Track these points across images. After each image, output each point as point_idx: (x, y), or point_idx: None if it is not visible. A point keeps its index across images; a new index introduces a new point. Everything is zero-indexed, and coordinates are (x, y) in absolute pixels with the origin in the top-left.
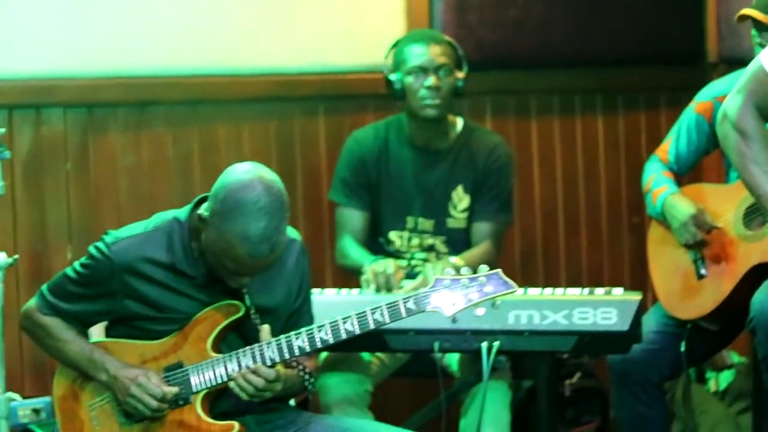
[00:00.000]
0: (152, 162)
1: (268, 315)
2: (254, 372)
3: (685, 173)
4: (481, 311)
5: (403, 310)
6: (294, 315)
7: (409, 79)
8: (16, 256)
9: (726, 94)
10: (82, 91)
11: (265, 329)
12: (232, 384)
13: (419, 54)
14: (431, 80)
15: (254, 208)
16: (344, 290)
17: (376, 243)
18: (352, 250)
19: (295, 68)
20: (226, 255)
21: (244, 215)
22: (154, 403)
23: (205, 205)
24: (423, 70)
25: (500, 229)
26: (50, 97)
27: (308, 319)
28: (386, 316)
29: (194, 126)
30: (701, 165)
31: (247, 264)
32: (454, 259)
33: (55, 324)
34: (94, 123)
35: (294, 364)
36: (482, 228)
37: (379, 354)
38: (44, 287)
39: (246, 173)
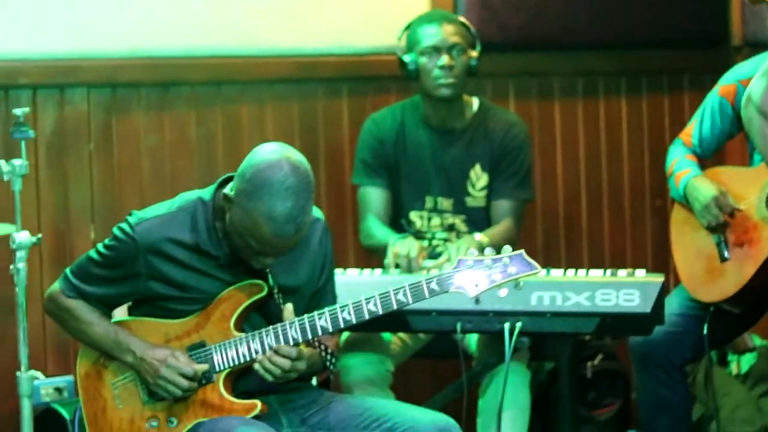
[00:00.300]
0: (175, 142)
1: (292, 294)
2: (277, 352)
3: (709, 156)
4: (504, 292)
5: (426, 291)
6: (317, 294)
7: (423, 60)
8: (39, 235)
9: (750, 77)
10: (105, 71)
11: (288, 308)
12: (257, 366)
13: (432, 34)
14: (444, 59)
15: (281, 188)
16: (366, 270)
17: (397, 225)
18: (377, 230)
19: (318, 50)
20: (251, 234)
21: (270, 195)
22: (185, 383)
23: (230, 185)
24: (436, 50)
25: (520, 206)
26: (74, 78)
27: (331, 298)
28: (409, 297)
29: (217, 107)
30: (725, 149)
31: (272, 244)
32: (479, 236)
33: (79, 306)
34: (117, 103)
35: (316, 343)
36: (502, 205)
37: (400, 334)
38: (68, 270)
39: (273, 153)
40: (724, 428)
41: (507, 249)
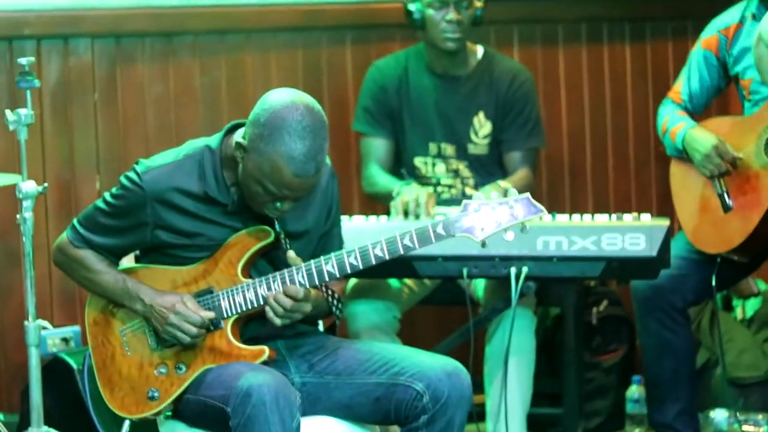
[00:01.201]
0: (179, 92)
1: (299, 239)
2: (283, 293)
3: (700, 112)
4: (510, 235)
5: (432, 235)
6: (324, 237)
7: (430, 12)
8: (45, 185)
9: (728, 27)
10: (109, 21)
11: (291, 254)
12: (268, 312)
13: None
14: (452, 14)
15: (299, 127)
16: (372, 217)
17: (398, 173)
18: (380, 177)
19: None
20: (270, 178)
21: (289, 134)
22: (194, 330)
23: (241, 132)
24: (444, 3)
25: (533, 154)
26: (78, 28)
27: (338, 242)
28: (416, 242)
29: (221, 56)
30: (726, 98)
31: (293, 185)
32: (503, 183)
33: (87, 256)
34: (121, 53)
35: (323, 288)
36: (516, 157)
37: (406, 281)
38: (75, 220)
39: (286, 95)
40: (729, 373)
41: (513, 192)
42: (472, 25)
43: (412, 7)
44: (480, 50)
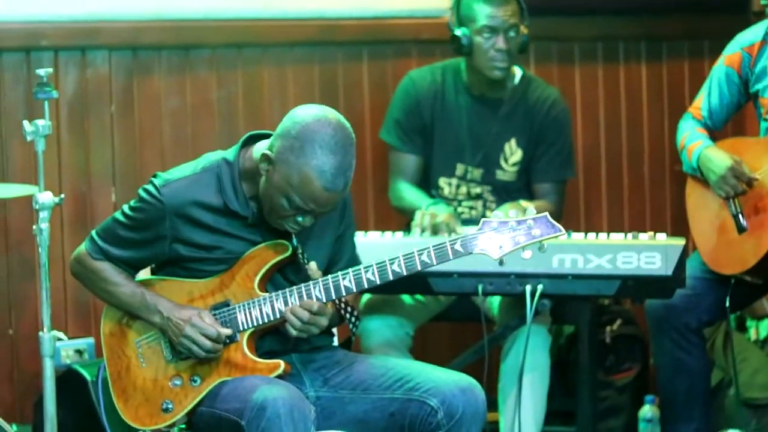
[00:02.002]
0: (196, 105)
1: (313, 248)
2: (300, 306)
3: (719, 128)
4: (528, 254)
5: (450, 252)
6: (339, 240)
7: (478, 39)
8: (62, 196)
9: (753, 44)
10: (127, 33)
11: (312, 266)
12: (286, 324)
13: (491, 15)
14: (502, 43)
15: (331, 142)
16: (388, 233)
17: (426, 190)
18: (409, 193)
19: (338, 13)
20: (298, 190)
21: (321, 148)
22: (208, 344)
23: (264, 144)
24: (494, 31)
25: (563, 186)
26: (95, 40)
27: (351, 246)
28: (433, 258)
29: (238, 69)
30: (742, 117)
31: (321, 199)
32: (525, 203)
33: (105, 268)
34: (138, 65)
35: (341, 305)
36: (545, 188)
37: (420, 297)
38: (94, 232)
39: (318, 111)
40: (743, 393)
41: (531, 211)
42: (519, 52)
43: (458, 32)
44: (518, 73)
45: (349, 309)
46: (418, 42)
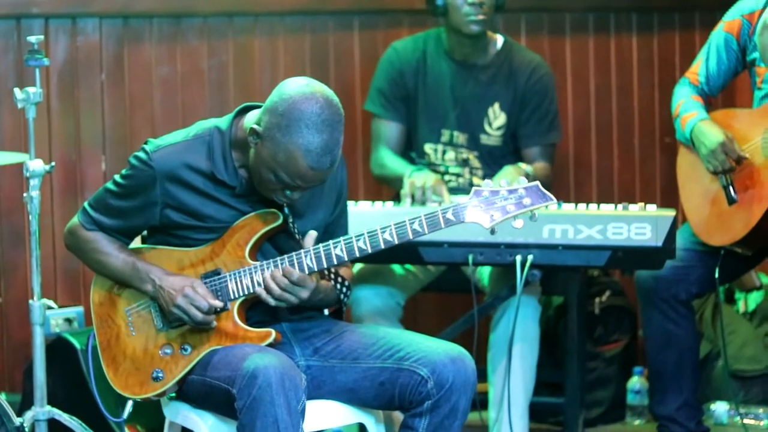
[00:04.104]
0: (187, 74)
1: (307, 223)
2: (282, 273)
3: (716, 94)
4: (519, 223)
5: (441, 221)
6: (331, 225)
7: None
8: (53, 164)
9: (753, 12)
10: (117, 1)
11: (312, 234)
12: (258, 289)
13: None
14: None
15: (318, 120)
16: (378, 203)
17: (407, 157)
18: (390, 160)
19: None
20: (285, 168)
21: (308, 127)
22: (199, 316)
23: (255, 119)
24: None
25: (552, 149)
26: (86, 7)
27: (344, 231)
28: (425, 227)
29: (229, 38)
30: (732, 87)
31: (307, 177)
32: (524, 165)
33: (98, 239)
34: (129, 34)
35: (332, 276)
36: (534, 152)
37: (410, 267)
38: (86, 203)
39: (306, 86)
40: (731, 366)
41: (522, 181)
42: (495, 10)
43: None
44: (500, 40)
45: (339, 279)
46: (410, 12)
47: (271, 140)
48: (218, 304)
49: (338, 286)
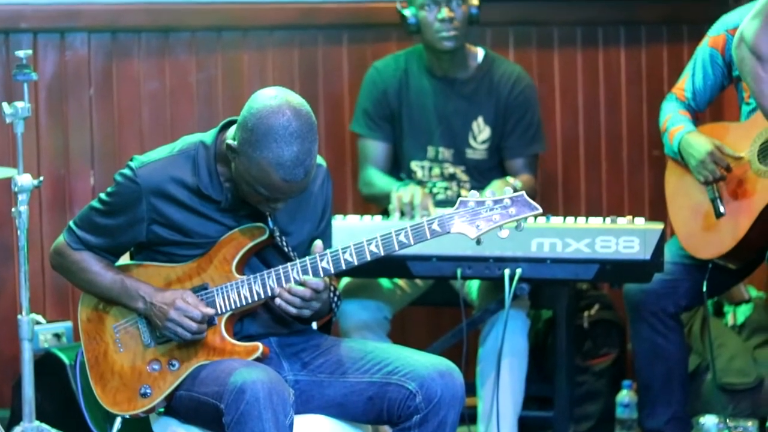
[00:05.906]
0: (175, 88)
1: (292, 238)
2: (301, 284)
3: (703, 109)
4: (505, 233)
5: (427, 232)
6: (316, 239)
7: (423, 13)
8: (41, 178)
9: (737, 27)
10: (106, 16)
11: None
12: (278, 301)
13: None
14: (444, 12)
15: (285, 133)
16: (367, 217)
17: (396, 177)
18: (378, 179)
19: None
20: (260, 182)
21: (276, 141)
22: (194, 326)
23: (231, 134)
24: (435, 3)
25: (535, 160)
26: (74, 22)
27: (328, 244)
28: (411, 238)
29: (218, 53)
30: (720, 101)
31: (283, 189)
32: (511, 179)
33: (85, 258)
34: (118, 48)
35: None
36: (518, 163)
37: (398, 281)
38: (72, 222)
39: (273, 99)
40: (719, 379)
41: (508, 191)
42: (469, 24)
43: (407, 12)
44: (480, 53)
45: (333, 288)
46: (398, 26)
47: (244, 155)
48: (210, 311)
49: (331, 294)
